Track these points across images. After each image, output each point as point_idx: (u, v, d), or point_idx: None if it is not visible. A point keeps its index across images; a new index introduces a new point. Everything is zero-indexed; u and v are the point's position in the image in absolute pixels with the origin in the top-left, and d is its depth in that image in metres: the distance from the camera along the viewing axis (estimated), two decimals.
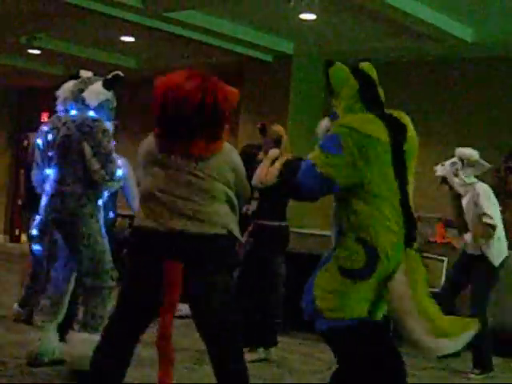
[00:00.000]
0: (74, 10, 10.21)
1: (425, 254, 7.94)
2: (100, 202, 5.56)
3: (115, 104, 5.79)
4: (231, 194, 4.12)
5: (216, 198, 4.02)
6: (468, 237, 7.03)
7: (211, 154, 4.01)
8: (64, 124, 5.54)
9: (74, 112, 5.57)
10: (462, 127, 11.00)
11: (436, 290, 7.20)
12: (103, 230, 5.54)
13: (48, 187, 5.58)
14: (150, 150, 4.12)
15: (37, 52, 13.70)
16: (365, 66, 4.10)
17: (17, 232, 17.44)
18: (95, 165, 5.36)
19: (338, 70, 4.07)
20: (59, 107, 5.78)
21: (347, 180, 3.75)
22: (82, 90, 5.64)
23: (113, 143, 5.55)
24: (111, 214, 6.90)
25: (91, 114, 5.55)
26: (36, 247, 5.69)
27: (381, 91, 4.06)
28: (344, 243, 3.80)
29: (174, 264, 3.88)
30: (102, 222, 5.54)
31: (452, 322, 3.72)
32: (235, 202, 4.16)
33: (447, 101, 11.26)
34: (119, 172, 5.49)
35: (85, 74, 5.89)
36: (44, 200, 5.62)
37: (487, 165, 7.11)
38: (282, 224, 7.00)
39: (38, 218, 5.72)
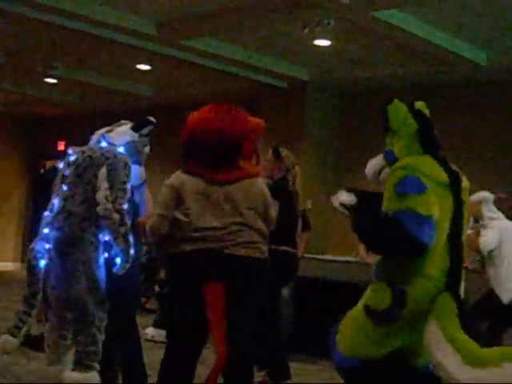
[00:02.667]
0: (90, 38, 10.30)
1: None
2: (101, 236, 5.45)
3: (147, 149, 5.82)
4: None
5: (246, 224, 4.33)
6: None
7: (237, 181, 4.30)
8: (91, 149, 5.57)
9: (104, 144, 5.61)
10: (474, 154, 10.93)
11: None
12: (101, 261, 5.45)
13: (56, 204, 5.56)
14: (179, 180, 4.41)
15: (53, 81, 13.80)
16: (420, 105, 4.10)
17: None
18: (103, 185, 5.34)
19: (397, 108, 4.03)
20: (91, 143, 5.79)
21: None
22: (110, 131, 5.69)
23: (129, 185, 5.52)
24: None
25: (120, 149, 5.59)
26: (35, 262, 5.61)
27: (435, 132, 4.01)
28: (376, 286, 3.77)
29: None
30: (101, 252, 5.45)
31: (490, 352, 3.53)
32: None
33: (462, 125, 11.22)
34: (125, 205, 5.41)
35: (123, 122, 5.94)
36: (48, 217, 5.60)
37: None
38: (289, 250, 6.95)
39: (44, 233, 5.66)
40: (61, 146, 16.67)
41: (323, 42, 10.00)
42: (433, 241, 3.57)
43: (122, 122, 5.88)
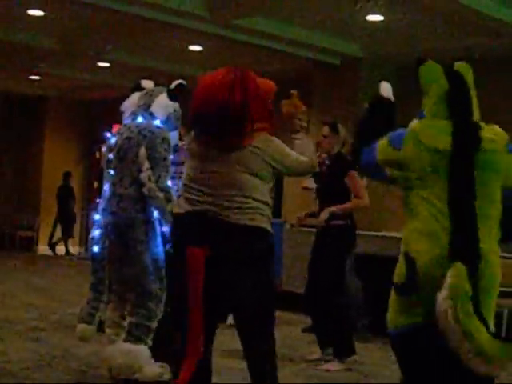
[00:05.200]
0: (141, 21, 10.32)
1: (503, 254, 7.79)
2: (156, 214, 5.48)
3: (181, 113, 5.80)
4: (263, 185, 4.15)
5: (244, 189, 4.06)
6: None
7: (239, 148, 4.07)
8: (128, 128, 5.57)
9: (140, 119, 5.60)
10: None
11: None
12: (158, 239, 5.50)
13: (106, 190, 5.60)
14: (190, 145, 4.26)
15: (106, 65, 13.88)
16: (460, 66, 3.93)
17: None
18: (145, 165, 5.35)
19: (428, 68, 3.90)
20: (126, 120, 5.81)
21: (395, 173, 3.79)
22: (149, 105, 5.66)
23: (171, 155, 5.53)
24: None
25: (157, 122, 5.58)
26: (96, 249, 5.67)
27: (473, 94, 3.87)
28: (400, 257, 3.74)
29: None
30: (157, 230, 5.49)
31: (496, 343, 3.39)
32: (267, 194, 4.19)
33: None
34: (168, 182, 5.44)
35: (146, 84, 5.91)
36: (101, 203, 5.64)
37: None
38: (348, 223, 6.93)
39: (97, 219, 5.71)
40: (115, 130, 16.80)
41: (375, 17, 9.88)
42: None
43: (155, 89, 5.86)
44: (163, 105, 5.67)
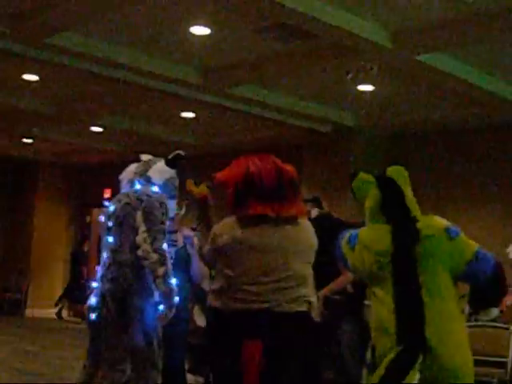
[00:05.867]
0: (135, 88, 10.43)
1: (490, 324, 7.80)
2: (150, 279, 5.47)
3: (178, 182, 5.84)
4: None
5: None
6: None
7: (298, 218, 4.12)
8: (127, 195, 5.61)
9: (138, 186, 5.64)
10: None
11: (503, 359, 7.03)
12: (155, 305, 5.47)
13: (105, 257, 5.59)
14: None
15: (99, 130, 13.97)
16: (393, 171, 4.13)
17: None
18: (141, 228, 5.36)
19: (360, 182, 4.18)
20: (125, 188, 5.83)
21: (353, 269, 4.11)
22: (146, 170, 5.71)
23: (168, 222, 5.55)
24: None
25: (155, 188, 5.62)
26: (93, 317, 5.64)
27: (408, 195, 4.05)
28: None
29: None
30: (153, 298, 5.47)
31: None
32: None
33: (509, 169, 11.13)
34: (164, 245, 5.44)
35: (145, 157, 5.98)
36: (100, 270, 5.63)
37: None
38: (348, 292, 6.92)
39: (95, 287, 5.70)
40: (107, 194, 16.83)
41: (366, 88, 10.02)
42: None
43: (153, 158, 5.91)
44: (160, 170, 5.71)
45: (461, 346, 3.72)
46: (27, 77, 10.59)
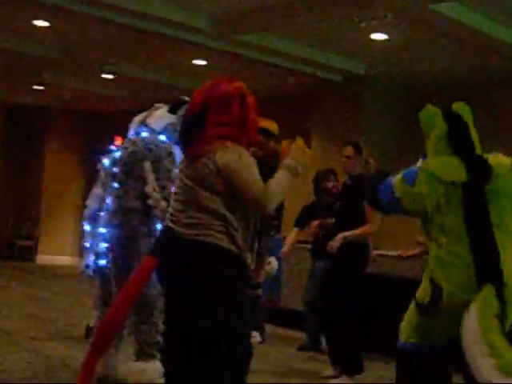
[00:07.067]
0: (146, 35, 10.35)
1: None
2: (157, 225, 5.50)
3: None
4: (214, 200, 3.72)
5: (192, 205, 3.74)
6: None
7: (194, 157, 3.75)
8: (133, 143, 5.62)
9: (145, 134, 5.65)
10: None
11: None
12: None
13: (109, 203, 5.62)
14: None
15: (110, 77, 13.91)
16: (458, 106, 4.18)
17: None
18: (150, 177, 5.40)
19: (427, 113, 4.18)
20: (130, 135, 5.85)
21: (411, 206, 4.05)
22: (146, 118, 5.74)
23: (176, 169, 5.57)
24: None
25: (161, 137, 5.63)
26: (103, 262, 5.68)
27: (473, 131, 4.13)
28: (424, 278, 3.98)
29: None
30: None
31: None
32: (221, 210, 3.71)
33: None
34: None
35: (159, 106, 5.97)
36: (105, 216, 5.65)
37: None
38: (363, 242, 6.92)
39: (101, 233, 5.73)
40: (118, 142, 16.81)
41: (380, 36, 9.91)
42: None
43: (157, 105, 5.92)
44: (159, 117, 5.74)
45: None
46: (37, 23, 10.52)
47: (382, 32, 9.69)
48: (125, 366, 5.55)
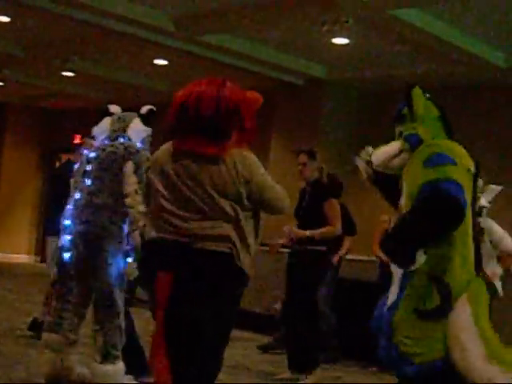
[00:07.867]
0: (108, 33, 10.32)
1: None
2: (125, 227, 5.50)
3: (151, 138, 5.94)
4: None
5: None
6: None
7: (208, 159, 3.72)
8: (112, 145, 5.63)
9: (122, 140, 5.68)
10: (493, 153, 10.88)
11: None
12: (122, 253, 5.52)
13: (78, 199, 5.60)
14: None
15: (70, 74, 13.83)
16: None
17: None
18: (132, 178, 5.41)
19: (420, 94, 3.98)
20: (105, 141, 5.77)
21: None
22: (124, 129, 5.73)
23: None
24: None
25: (139, 144, 5.68)
26: (66, 255, 5.65)
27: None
28: (415, 282, 3.58)
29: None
30: (124, 245, 5.51)
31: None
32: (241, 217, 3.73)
33: (480, 127, 11.17)
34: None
35: (114, 109, 5.95)
36: (73, 211, 5.63)
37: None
38: (324, 249, 6.98)
39: (66, 226, 5.70)
40: (76, 140, 16.69)
41: (341, 41, 9.98)
42: (466, 208, 3.48)
43: (127, 114, 5.90)
44: (139, 130, 5.78)
45: None
46: None
47: (343, 36, 9.75)
48: (88, 367, 5.54)
